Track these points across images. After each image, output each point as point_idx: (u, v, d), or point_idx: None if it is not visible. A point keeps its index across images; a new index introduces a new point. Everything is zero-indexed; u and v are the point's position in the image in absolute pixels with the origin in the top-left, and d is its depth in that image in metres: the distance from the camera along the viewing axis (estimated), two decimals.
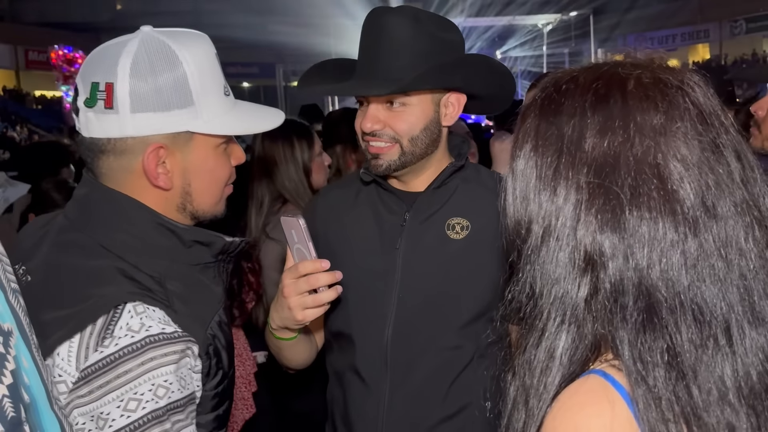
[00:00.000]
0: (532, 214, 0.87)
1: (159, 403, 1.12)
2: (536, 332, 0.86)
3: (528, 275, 0.88)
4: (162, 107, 1.20)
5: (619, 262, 0.81)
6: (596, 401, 0.80)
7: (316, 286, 1.44)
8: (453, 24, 1.61)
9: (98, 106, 1.19)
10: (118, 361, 1.11)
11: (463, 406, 1.58)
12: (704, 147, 0.81)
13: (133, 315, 1.14)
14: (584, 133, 0.84)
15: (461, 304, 1.58)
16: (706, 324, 0.79)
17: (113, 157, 1.23)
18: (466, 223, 1.60)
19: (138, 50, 1.20)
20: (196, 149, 1.27)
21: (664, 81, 0.85)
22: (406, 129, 1.53)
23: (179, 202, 1.29)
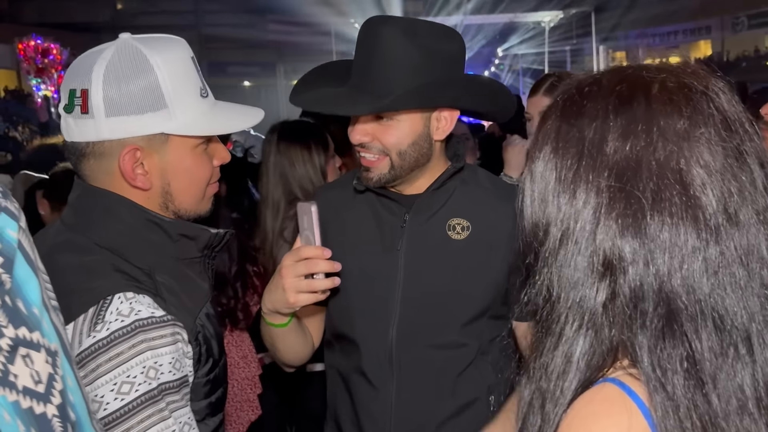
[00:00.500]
0: (550, 216, 0.86)
1: (152, 384, 1.17)
2: (553, 336, 0.86)
3: (545, 278, 0.87)
4: (135, 111, 1.26)
5: (639, 268, 0.79)
6: (612, 411, 0.79)
7: (313, 270, 1.46)
8: (453, 33, 1.59)
9: (75, 111, 1.26)
10: (109, 345, 1.16)
11: (469, 402, 1.61)
12: (728, 154, 0.80)
13: (123, 301, 1.20)
14: (606, 136, 0.83)
15: (463, 303, 1.60)
16: (727, 332, 0.78)
17: (93, 159, 1.30)
18: (467, 223, 1.61)
19: (112, 57, 1.26)
20: (172, 150, 1.32)
21: (688, 86, 0.84)
22: (394, 142, 1.54)
23: (160, 201, 1.35)
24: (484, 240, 1.60)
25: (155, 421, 1.17)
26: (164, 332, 1.21)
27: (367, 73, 1.52)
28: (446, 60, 1.54)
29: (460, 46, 1.59)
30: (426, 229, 1.62)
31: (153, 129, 1.29)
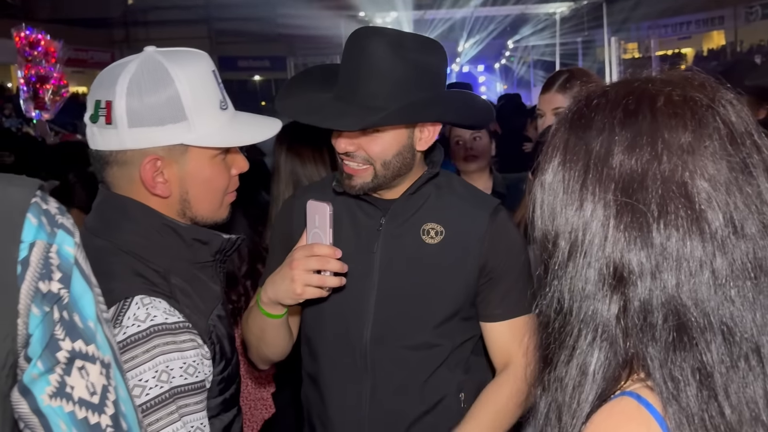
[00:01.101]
0: (558, 228, 0.87)
1: (162, 388, 1.22)
2: (567, 349, 0.87)
3: (555, 290, 0.88)
4: (156, 122, 1.32)
5: (647, 281, 0.80)
6: (630, 424, 0.80)
7: (325, 268, 1.52)
8: (436, 45, 1.65)
9: (100, 122, 1.33)
10: (125, 349, 1.21)
11: (440, 399, 1.67)
12: (733, 167, 0.81)
13: (140, 306, 1.25)
14: (612, 149, 0.84)
15: (436, 305, 1.66)
16: (736, 344, 0.79)
17: (117, 167, 1.37)
18: (441, 228, 1.67)
19: (136, 70, 1.32)
20: (192, 160, 1.39)
21: (694, 99, 0.84)
22: (379, 152, 1.59)
23: (178, 208, 1.41)
24: (457, 244, 1.66)
25: (163, 425, 1.22)
26: (178, 338, 1.26)
27: (354, 85, 1.57)
28: (430, 73, 1.60)
29: (443, 59, 1.65)
30: (401, 233, 1.67)
31: (173, 140, 1.35)
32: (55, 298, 0.92)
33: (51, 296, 0.92)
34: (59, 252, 0.93)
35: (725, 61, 20.30)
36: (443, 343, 1.68)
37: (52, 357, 0.91)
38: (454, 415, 1.67)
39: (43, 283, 0.91)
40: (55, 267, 0.93)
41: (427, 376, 1.67)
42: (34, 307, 0.90)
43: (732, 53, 27.02)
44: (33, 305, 0.90)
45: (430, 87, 1.61)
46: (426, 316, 1.67)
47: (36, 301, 0.90)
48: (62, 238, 0.94)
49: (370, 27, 1.63)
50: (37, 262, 0.91)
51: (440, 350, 1.67)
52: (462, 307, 1.68)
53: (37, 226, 0.92)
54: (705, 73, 0.89)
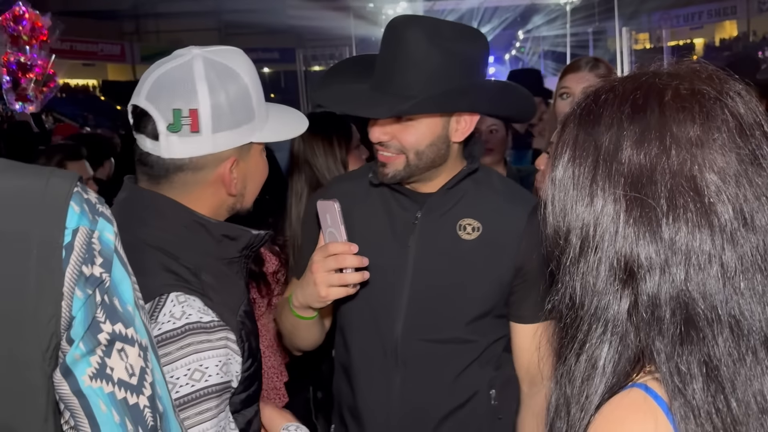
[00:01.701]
0: (570, 224, 0.87)
1: (194, 386, 1.21)
2: (577, 342, 0.87)
3: (567, 285, 0.88)
4: (234, 125, 1.33)
5: (656, 275, 0.80)
6: (638, 416, 0.80)
7: (343, 266, 1.50)
8: (476, 35, 1.61)
9: (183, 130, 1.30)
10: (158, 345, 1.18)
11: (470, 396, 1.64)
12: (742, 159, 0.81)
13: (176, 304, 1.24)
14: (621, 145, 0.84)
15: (469, 302, 1.63)
16: (744, 337, 0.79)
17: (191, 172, 1.35)
18: (478, 224, 1.63)
19: (207, 73, 1.30)
20: (252, 156, 1.41)
21: (702, 92, 0.84)
22: (412, 142, 1.56)
23: (232, 203, 1.43)
24: (493, 241, 1.62)
25: (192, 424, 1.21)
26: (212, 337, 1.25)
27: (389, 74, 1.55)
28: (467, 62, 1.56)
29: (482, 48, 1.60)
30: (437, 227, 1.64)
31: (245, 140, 1.37)
32: (98, 282, 0.95)
33: (94, 279, 0.94)
34: (101, 238, 0.97)
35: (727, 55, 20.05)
36: (476, 339, 1.64)
37: (94, 339, 0.94)
38: (485, 412, 1.65)
39: (87, 267, 0.94)
40: (97, 252, 0.95)
41: (458, 372, 1.64)
42: (78, 290, 0.93)
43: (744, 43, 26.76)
44: (77, 288, 0.92)
45: (468, 76, 1.56)
46: (458, 312, 1.63)
47: (80, 284, 0.93)
48: (103, 225, 0.98)
49: (407, 15, 1.59)
50: (81, 246, 0.94)
51: (473, 347, 1.64)
52: (496, 305, 1.64)
53: (79, 213, 0.95)
54: (713, 65, 0.88)
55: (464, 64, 1.55)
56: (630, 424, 0.80)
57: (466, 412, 1.64)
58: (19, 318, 0.90)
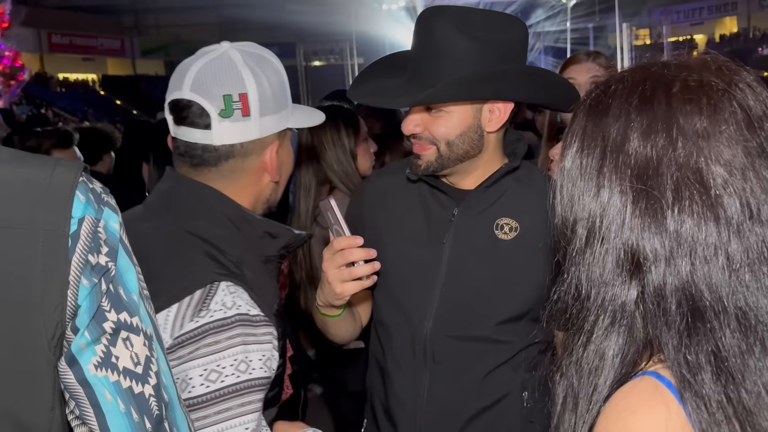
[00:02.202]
0: (576, 215, 0.87)
1: (239, 378, 1.21)
2: (584, 334, 0.87)
3: (573, 276, 0.88)
4: (276, 109, 1.37)
5: (661, 266, 0.80)
6: (650, 403, 0.80)
7: (350, 260, 1.49)
8: (512, 22, 1.57)
9: (235, 115, 1.33)
10: (209, 332, 1.21)
11: (501, 397, 1.61)
12: (749, 151, 0.80)
13: (227, 293, 1.24)
14: (628, 136, 0.84)
15: (503, 304, 1.59)
16: (751, 329, 0.79)
17: (240, 159, 1.37)
18: (515, 224, 1.60)
19: (246, 61, 1.34)
20: (286, 143, 1.44)
21: (710, 84, 0.83)
22: (443, 133, 1.54)
23: (269, 193, 1.45)
24: (531, 243, 1.57)
25: (234, 415, 1.20)
26: (258, 331, 1.25)
27: (419, 66, 1.54)
28: (500, 51, 1.51)
29: (518, 35, 1.56)
30: (474, 225, 1.61)
31: (284, 125, 1.40)
32: (103, 270, 0.95)
33: (99, 268, 0.95)
34: (106, 227, 0.97)
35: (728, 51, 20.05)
36: (509, 340, 1.61)
37: (99, 327, 0.94)
38: (516, 414, 1.61)
39: (92, 256, 0.94)
40: (102, 241, 0.95)
41: (488, 371, 1.61)
42: (84, 279, 0.93)
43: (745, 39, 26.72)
44: (82, 277, 0.93)
45: (500, 64, 1.51)
46: (490, 312, 1.60)
47: (85, 273, 0.93)
48: (108, 215, 0.98)
49: (436, 6, 1.55)
50: (87, 235, 0.93)
51: (505, 347, 1.61)
52: (532, 308, 1.58)
53: (85, 202, 0.95)
54: (724, 57, 0.88)
55: (496, 53, 1.51)
56: (642, 412, 0.80)
57: (496, 412, 1.61)
58: (25, 306, 0.91)
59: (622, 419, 0.80)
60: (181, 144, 1.38)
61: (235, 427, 1.20)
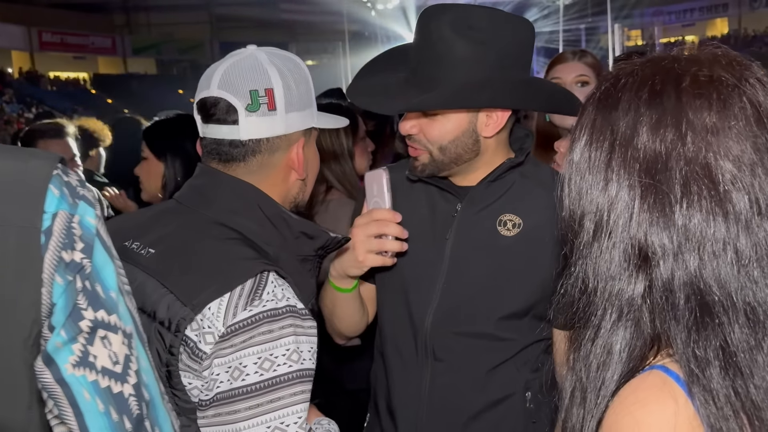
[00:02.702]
0: (584, 208, 0.87)
1: (292, 367, 1.22)
2: (592, 328, 0.86)
3: (580, 270, 0.87)
4: (301, 107, 1.40)
5: (669, 261, 0.80)
6: (658, 397, 0.80)
7: (384, 231, 1.51)
8: (518, 24, 1.54)
9: (262, 109, 1.36)
10: (262, 321, 1.21)
11: (504, 397, 1.60)
12: (758, 147, 0.80)
13: (276, 285, 1.25)
14: (637, 130, 0.83)
15: (504, 301, 1.58)
16: (760, 324, 0.78)
17: (267, 155, 1.38)
18: (519, 220, 1.59)
19: (272, 60, 1.38)
20: (312, 143, 1.46)
21: (720, 79, 0.83)
22: (435, 137, 1.53)
23: (296, 192, 1.46)
24: (534, 239, 1.56)
25: (285, 404, 1.21)
26: (305, 323, 1.27)
27: (416, 66, 1.53)
28: (499, 55, 1.49)
29: (521, 38, 1.53)
30: (476, 221, 1.60)
31: (309, 123, 1.42)
32: (78, 267, 0.93)
33: (74, 265, 0.92)
34: (81, 222, 0.94)
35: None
36: (511, 338, 1.59)
37: (75, 326, 0.92)
38: (519, 413, 1.59)
39: (66, 253, 0.92)
40: (77, 237, 0.93)
41: (489, 369, 1.59)
42: (58, 276, 0.91)
43: (735, 40, 26.86)
44: (56, 274, 0.91)
45: (500, 68, 1.49)
46: (491, 308, 1.58)
47: (59, 270, 0.91)
48: (84, 209, 0.95)
49: (439, 5, 1.53)
50: (60, 231, 0.91)
51: (507, 345, 1.59)
52: (535, 305, 1.57)
53: (59, 197, 0.93)
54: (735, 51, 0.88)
55: (495, 57, 1.48)
56: (651, 405, 0.79)
57: (498, 412, 1.60)
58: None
59: (631, 413, 0.80)
60: (209, 142, 1.40)
61: (288, 416, 1.21)
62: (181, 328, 1.21)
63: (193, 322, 1.20)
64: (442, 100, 1.48)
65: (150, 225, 1.40)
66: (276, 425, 1.21)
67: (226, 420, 1.20)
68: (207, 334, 1.21)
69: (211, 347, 1.20)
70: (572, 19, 29.19)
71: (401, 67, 1.58)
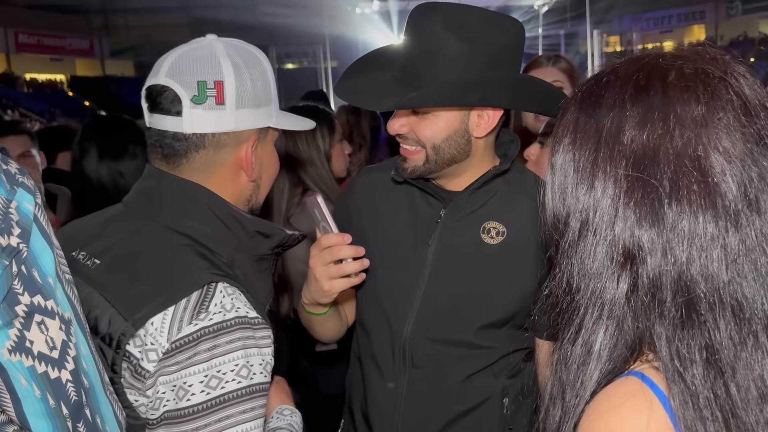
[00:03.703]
0: (569, 208, 0.85)
1: (240, 383, 1.16)
2: (573, 327, 0.85)
3: (565, 270, 0.86)
4: (256, 104, 1.32)
5: (657, 257, 0.78)
6: (632, 404, 0.78)
7: (338, 257, 1.47)
8: (509, 24, 1.51)
9: (208, 102, 1.28)
10: (208, 336, 1.15)
11: (480, 402, 1.58)
12: (747, 139, 0.79)
13: (225, 295, 1.19)
14: (623, 126, 0.82)
15: (485, 309, 1.56)
16: (746, 321, 0.77)
17: (212, 151, 1.31)
18: (503, 228, 1.56)
19: (228, 52, 1.31)
20: (268, 143, 1.40)
21: (706, 72, 0.82)
22: (428, 136, 1.49)
23: (249, 194, 1.39)
24: (518, 247, 1.54)
25: (236, 422, 1.16)
26: (257, 334, 1.21)
27: (407, 64, 1.49)
28: (491, 55, 1.46)
29: (513, 39, 1.50)
30: (460, 228, 1.57)
31: (264, 122, 1.35)
32: (14, 252, 0.92)
33: (10, 250, 0.91)
34: (18, 208, 0.94)
35: None
36: (490, 346, 1.57)
37: (11, 310, 0.91)
38: (495, 420, 1.58)
39: (3, 238, 0.91)
40: (14, 222, 0.92)
41: (467, 376, 1.57)
42: None
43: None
44: None
45: (491, 68, 1.46)
46: (471, 316, 1.56)
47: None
48: (22, 196, 0.95)
49: (430, 2, 1.50)
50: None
51: (486, 353, 1.57)
52: (515, 315, 1.55)
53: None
54: (716, 48, 0.86)
55: (487, 57, 1.45)
56: (625, 411, 0.78)
57: (474, 418, 1.58)
58: None
59: (603, 419, 0.79)
60: (153, 133, 1.33)
61: None
62: (122, 345, 1.15)
63: (136, 338, 1.15)
64: (434, 98, 1.44)
65: (98, 233, 1.34)
66: None
67: None
68: (150, 351, 1.15)
69: (155, 365, 1.14)
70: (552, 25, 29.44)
71: (390, 66, 1.54)
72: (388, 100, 1.48)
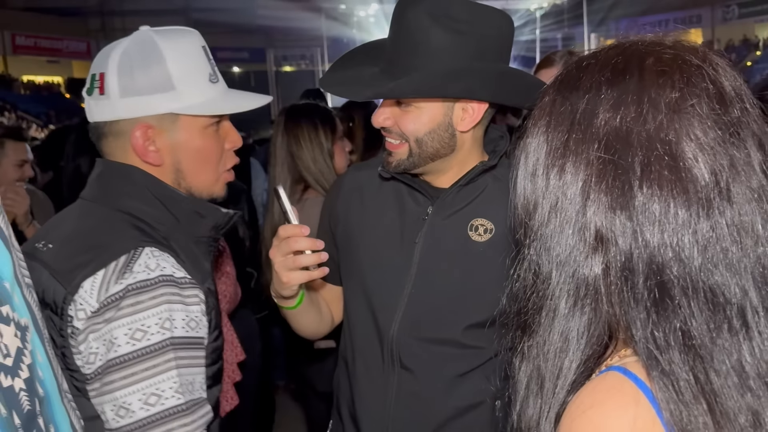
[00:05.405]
0: (539, 190, 0.84)
1: (164, 335, 1.25)
2: (547, 313, 0.83)
3: (534, 253, 0.84)
4: (146, 91, 1.38)
5: (628, 241, 0.77)
6: (617, 399, 0.76)
7: (295, 248, 1.46)
8: (498, 16, 1.48)
9: (95, 93, 1.40)
10: (132, 292, 1.25)
11: (471, 405, 1.55)
12: (720, 128, 0.78)
13: (150, 257, 1.30)
14: (597, 108, 0.80)
15: (473, 307, 1.53)
16: (720, 307, 0.75)
17: (112, 138, 1.42)
18: (491, 225, 1.54)
19: (127, 45, 1.41)
20: (182, 129, 1.43)
21: (684, 58, 0.81)
22: (411, 129, 1.47)
23: (173, 177, 1.45)
24: (507, 245, 1.53)
25: (159, 371, 1.24)
26: (183, 292, 1.30)
27: (391, 55, 1.48)
28: (477, 47, 1.43)
29: (501, 31, 1.48)
30: (447, 225, 1.55)
31: (161, 108, 1.40)
32: None
33: None
34: None
35: None
36: (479, 346, 1.53)
37: None
38: (486, 423, 1.54)
39: None
40: None
41: (457, 377, 1.55)
42: None
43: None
44: None
45: (477, 59, 1.44)
46: (459, 315, 1.54)
47: None
48: None
49: None
50: None
51: (475, 353, 1.54)
52: None
53: None
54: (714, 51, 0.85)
55: (473, 48, 1.43)
56: (609, 407, 0.76)
57: (465, 420, 1.55)
58: None
59: (587, 416, 0.77)
60: None
61: (163, 382, 1.23)
62: (65, 310, 1.25)
63: (74, 302, 1.24)
64: (413, 88, 1.42)
65: (57, 223, 1.45)
66: (152, 391, 1.23)
67: (104, 391, 1.23)
68: (80, 310, 1.25)
69: (83, 323, 1.24)
70: (549, 28, 29.50)
71: (379, 60, 1.52)
72: (367, 91, 1.47)
